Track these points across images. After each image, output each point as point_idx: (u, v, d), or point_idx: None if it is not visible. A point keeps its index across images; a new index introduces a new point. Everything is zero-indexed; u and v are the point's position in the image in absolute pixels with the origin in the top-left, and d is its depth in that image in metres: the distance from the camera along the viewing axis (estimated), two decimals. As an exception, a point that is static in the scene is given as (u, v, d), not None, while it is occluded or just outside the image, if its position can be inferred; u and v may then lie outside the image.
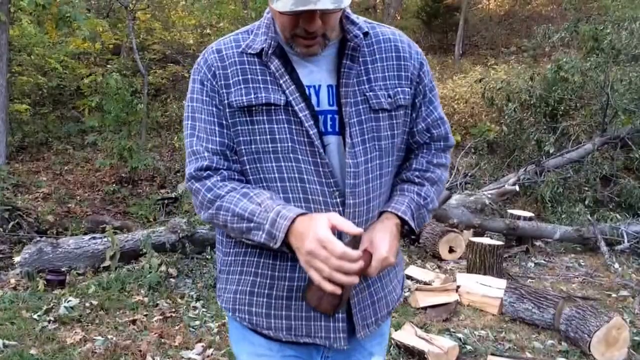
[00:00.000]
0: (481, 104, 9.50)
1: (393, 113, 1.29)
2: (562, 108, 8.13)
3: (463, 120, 9.86)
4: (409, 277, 4.39)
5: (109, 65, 10.22)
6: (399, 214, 1.27)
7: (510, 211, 5.77)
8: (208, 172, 1.24)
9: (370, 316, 1.33)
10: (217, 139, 1.25)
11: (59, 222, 6.21)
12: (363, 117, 1.25)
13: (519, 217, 5.45)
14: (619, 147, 7.31)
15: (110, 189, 7.67)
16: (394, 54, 1.31)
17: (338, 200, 1.22)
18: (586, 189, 6.74)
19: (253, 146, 1.23)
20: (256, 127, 1.23)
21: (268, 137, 1.22)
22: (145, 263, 4.27)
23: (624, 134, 7.25)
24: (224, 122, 1.25)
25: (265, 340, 1.30)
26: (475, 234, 5.24)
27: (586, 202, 6.45)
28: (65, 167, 8.67)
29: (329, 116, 1.25)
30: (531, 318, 3.61)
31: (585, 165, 6.97)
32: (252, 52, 1.25)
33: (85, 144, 9.02)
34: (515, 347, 3.34)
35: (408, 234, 1.34)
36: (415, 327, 3.26)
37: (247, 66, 1.25)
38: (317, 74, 1.26)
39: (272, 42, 1.24)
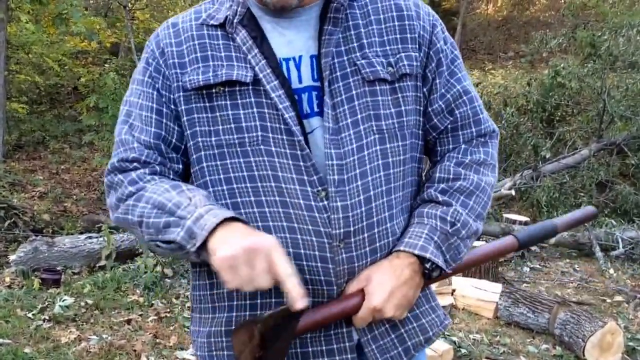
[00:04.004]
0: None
1: (397, 85, 1.00)
2: (559, 114, 8.17)
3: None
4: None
5: (106, 65, 10.21)
6: (416, 251, 0.96)
7: (506, 215, 5.78)
8: (135, 164, 0.99)
9: (395, 346, 1.02)
10: (153, 129, 1.00)
11: (54, 221, 6.20)
12: (354, 92, 0.97)
13: (514, 222, 5.46)
14: (615, 153, 7.34)
15: (107, 189, 7.65)
16: (394, 14, 1.03)
17: (326, 203, 0.94)
18: (582, 194, 6.76)
19: (214, 138, 0.98)
20: (217, 114, 0.97)
21: (232, 126, 0.96)
22: (140, 263, 4.26)
23: (620, 140, 7.28)
24: (165, 109, 1.00)
25: None
26: (471, 238, 5.24)
27: (582, 208, 6.46)
28: (62, 166, 8.65)
29: (314, 94, 0.98)
30: (526, 322, 3.62)
31: (582, 171, 7.00)
32: (215, 23, 1.00)
33: (82, 143, 9.00)
34: (510, 351, 3.35)
35: (433, 273, 0.99)
36: (410, 330, 3.26)
37: (207, 40, 1.00)
38: (297, 43, 0.99)
39: (239, 9, 0.99)
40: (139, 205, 0.96)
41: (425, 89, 1.04)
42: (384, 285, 0.95)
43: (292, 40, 1.00)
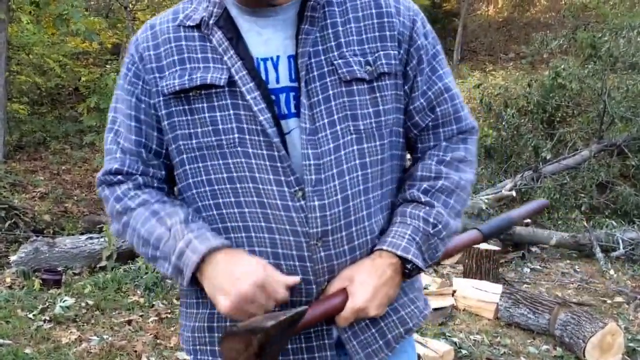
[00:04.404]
0: (479, 110, 9.53)
1: (375, 84, 0.99)
2: (560, 115, 8.18)
3: (461, 125, 9.89)
4: (405, 281, 4.40)
5: (107, 66, 10.22)
6: (399, 252, 0.98)
7: (506, 216, 5.77)
8: (119, 177, 1.03)
9: (376, 340, 1.03)
10: (133, 137, 1.02)
11: (55, 222, 6.21)
12: (331, 93, 0.97)
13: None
14: (616, 154, 7.34)
15: (108, 189, 7.65)
16: (373, 11, 1.01)
17: (303, 202, 0.95)
18: (582, 195, 6.76)
19: (194, 141, 0.98)
20: (196, 116, 0.98)
21: (210, 128, 0.97)
22: (141, 264, 4.27)
23: (620, 141, 7.28)
24: (143, 116, 1.02)
25: None
26: (472, 239, 5.24)
27: (582, 209, 6.47)
28: (63, 167, 8.67)
29: (291, 94, 0.98)
30: (526, 323, 3.62)
31: (582, 172, 7.00)
32: (191, 24, 1.00)
33: (83, 144, 9.01)
34: (511, 352, 3.35)
35: (413, 273, 1.01)
36: (410, 331, 3.26)
37: (184, 42, 1.00)
38: (274, 43, 0.99)
39: (215, 9, 0.99)
40: (128, 232, 1.02)
41: (406, 87, 1.04)
42: (366, 285, 0.96)
43: (270, 40, 0.99)
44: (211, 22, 0.98)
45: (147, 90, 1.01)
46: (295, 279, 0.95)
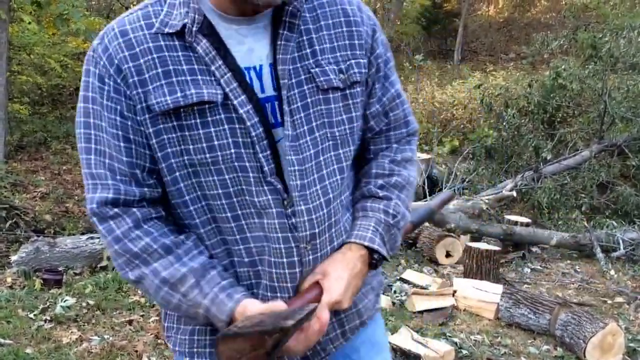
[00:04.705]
0: (479, 110, 9.53)
1: (348, 92, 1.02)
2: (560, 115, 8.18)
3: (462, 126, 9.91)
4: (405, 281, 4.40)
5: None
6: (366, 243, 1.03)
7: (507, 217, 5.78)
8: (115, 210, 0.95)
9: (334, 329, 1.09)
10: (124, 158, 0.95)
11: (56, 222, 6.21)
12: (309, 100, 0.98)
13: (515, 223, 5.46)
14: (616, 154, 7.33)
15: (108, 190, 7.65)
16: (342, 19, 1.03)
17: (292, 209, 0.98)
18: (583, 195, 6.76)
19: (186, 158, 0.95)
20: (187, 133, 0.94)
21: (204, 145, 0.94)
22: (142, 263, 4.27)
23: (621, 142, 7.28)
24: (132, 135, 0.95)
25: None
26: (473, 239, 5.25)
27: (583, 209, 6.47)
28: (64, 167, 8.67)
29: (276, 104, 0.98)
30: (527, 323, 3.62)
31: (582, 172, 6.99)
32: (171, 31, 0.93)
33: (83, 144, 9.01)
34: (511, 352, 3.35)
35: (379, 263, 1.07)
36: (411, 331, 3.27)
37: (166, 53, 0.93)
38: (257, 51, 0.97)
39: (197, 16, 0.93)
40: (145, 287, 0.99)
41: (365, 93, 1.08)
42: (341, 280, 0.99)
43: (253, 49, 0.97)
44: (194, 29, 0.93)
45: (131, 106, 0.94)
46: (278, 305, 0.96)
